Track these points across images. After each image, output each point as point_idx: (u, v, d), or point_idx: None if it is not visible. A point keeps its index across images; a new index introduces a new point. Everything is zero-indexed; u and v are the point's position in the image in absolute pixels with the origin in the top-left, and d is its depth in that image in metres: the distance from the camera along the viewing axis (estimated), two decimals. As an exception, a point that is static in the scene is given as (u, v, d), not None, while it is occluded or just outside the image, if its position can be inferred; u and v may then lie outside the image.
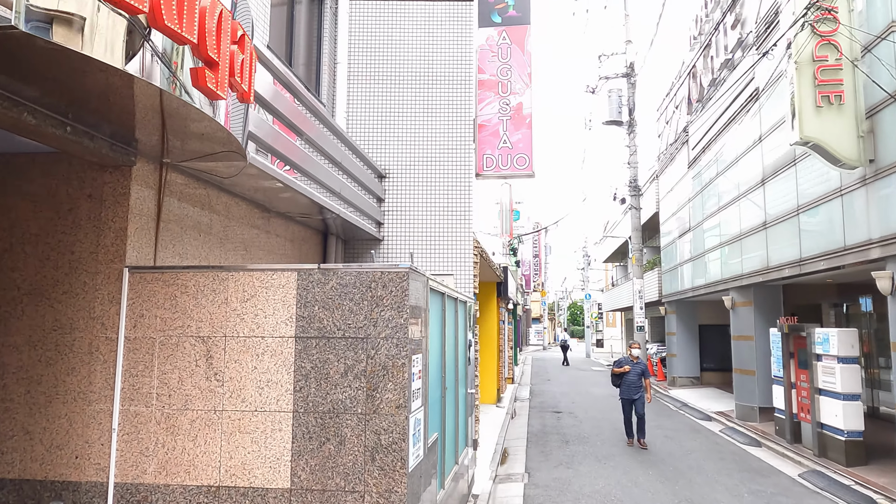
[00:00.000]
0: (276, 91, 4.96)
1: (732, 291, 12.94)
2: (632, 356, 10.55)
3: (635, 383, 10.24)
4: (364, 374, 3.66)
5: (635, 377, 10.26)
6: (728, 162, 13.03)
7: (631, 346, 10.93)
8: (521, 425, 12.31)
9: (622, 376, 10.37)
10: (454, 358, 5.98)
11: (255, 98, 4.42)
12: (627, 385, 10.28)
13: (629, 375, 10.28)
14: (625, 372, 10.29)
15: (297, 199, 5.72)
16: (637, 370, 10.30)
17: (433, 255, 8.10)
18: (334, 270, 3.78)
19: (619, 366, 10.47)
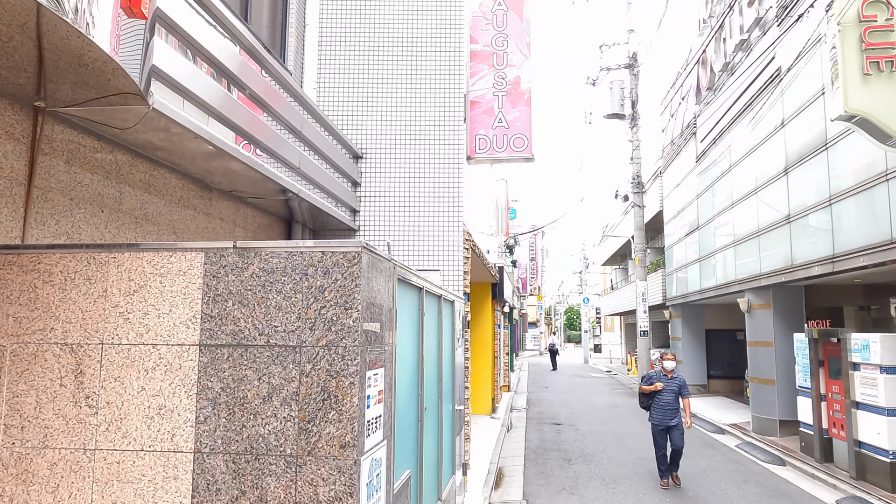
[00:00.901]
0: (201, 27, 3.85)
1: (748, 293, 11.87)
2: (665, 370, 8.01)
3: (671, 405, 7.85)
4: (296, 398, 2.56)
5: (671, 397, 7.86)
6: (743, 152, 11.99)
7: (663, 357, 8.18)
8: (518, 439, 11.20)
9: (652, 396, 8.01)
10: (436, 369, 4.88)
11: (166, 25, 3.32)
12: (660, 408, 7.88)
13: (662, 395, 7.87)
14: (656, 391, 7.91)
15: (242, 173, 4.62)
16: (672, 388, 7.87)
17: (417, 248, 7.01)
18: (257, 251, 2.67)
19: (649, 382, 8.04)
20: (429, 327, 4.47)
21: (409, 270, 3.70)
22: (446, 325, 5.43)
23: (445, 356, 5.33)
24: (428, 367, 4.40)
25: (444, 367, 5.24)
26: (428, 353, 4.40)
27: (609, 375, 26.83)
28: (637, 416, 14.24)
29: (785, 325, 11.06)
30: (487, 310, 14.11)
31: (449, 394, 5.57)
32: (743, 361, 18.76)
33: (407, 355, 3.68)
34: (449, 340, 5.61)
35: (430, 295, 4.59)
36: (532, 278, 47.01)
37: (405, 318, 3.64)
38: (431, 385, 4.58)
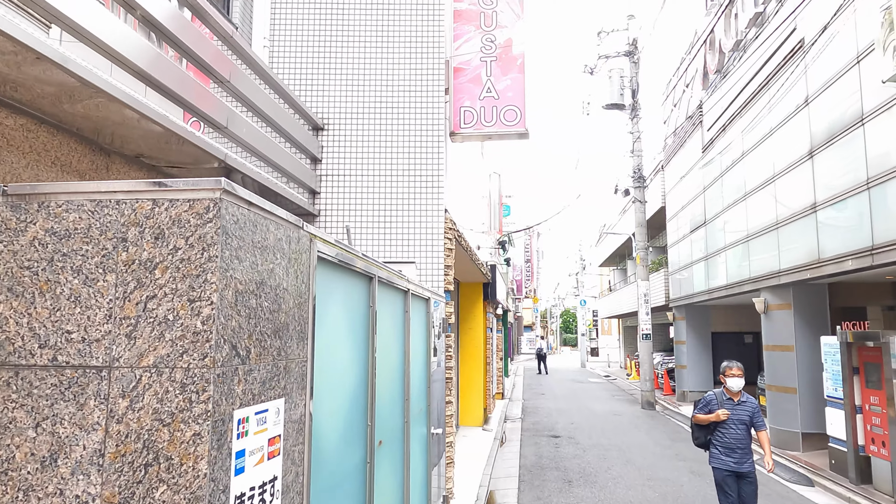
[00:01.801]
0: None
1: (765, 292, 10.78)
2: (729, 391, 5.24)
3: (741, 442, 5.15)
4: (99, 462, 1.42)
5: (740, 431, 5.16)
6: (758, 137, 10.91)
7: (726, 373, 5.24)
8: (512, 456, 10.06)
9: (712, 429, 5.32)
10: (401, 386, 3.74)
11: None
12: (726, 446, 5.18)
13: (728, 428, 5.16)
14: (718, 421, 5.19)
15: (143, 129, 3.48)
16: (742, 417, 5.17)
17: (389, 236, 5.88)
18: (43, 200, 1.54)
19: (706, 408, 5.36)
20: (387, 331, 3.34)
21: (349, 250, 2.57)
22: (417, 329, 4.29)
23: (416, 368, 4.19)
24: (385, 386, 3.27)
25: (414, 382, 4.11)
26: (385, 366, 3.27)
27: (608, 381, 25.74)
28: (641, 426, 13.13)
29: (807, 327, 9.97)
30: (479, 312, 12.99)
31: (421, 415, 4.44)
32: (752, 366, 17.71)
33: (345, 372, 2.55)
34: (421, 348, 4.47)
35: (391, 289, 3.45)
36: (527, 280, 45.92)
37: (342, 319, 2.51)
38: (392, 408, 3.45)
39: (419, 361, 4.35)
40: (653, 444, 11.14)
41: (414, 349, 4.10)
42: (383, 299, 3.25)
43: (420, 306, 4.45)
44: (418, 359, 4.31)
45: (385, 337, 3.28)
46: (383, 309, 3.24)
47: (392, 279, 3.38)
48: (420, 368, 4.39)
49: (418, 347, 4.32)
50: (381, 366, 3.16)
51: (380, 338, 3.13)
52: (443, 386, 5.62)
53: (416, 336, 4.25)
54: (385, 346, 3.28)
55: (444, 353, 6.23)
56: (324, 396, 2.24)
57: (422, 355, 4.49)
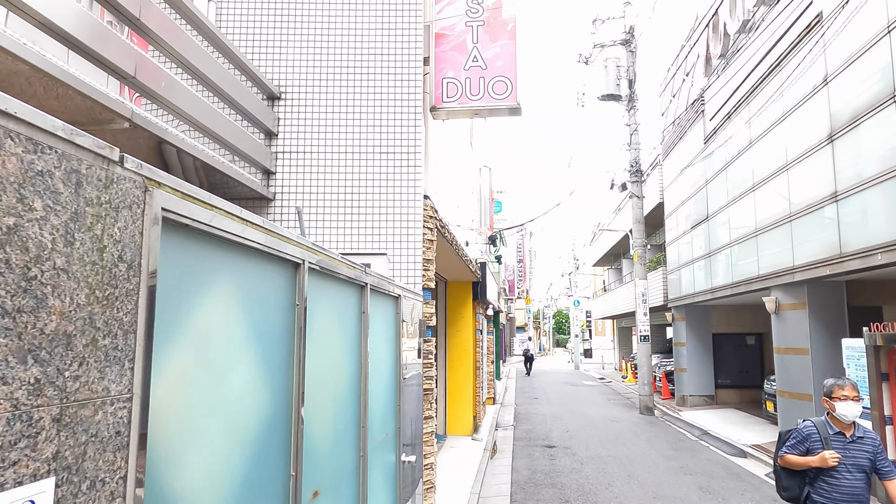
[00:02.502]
0: None
1: (776, 290, 9.98)
2: (837, 422, 3.63)
3: (859, 496, 3.54)
4: None
5: (857, 480, 3.54)
6: (768, 123, 10.11)
7: (835, 394, 3.61)
8: (504, 470, 9.19)
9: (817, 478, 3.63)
10: (354, 412, 2.87)
11: None
12: (835, 501, 3.54)
13: (842, 476, 3.53)
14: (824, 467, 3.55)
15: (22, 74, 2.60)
16: (860, 461, 3.55)
17: (356, 225, 5.01)
18: None
19: (804, 446, 3.68)
20: (329, 339, 2.47)
21: (244, 218, 1.69)
22: (381, 335, 3.42)
23: (378, 385, 3.32)
24: (325, 415, 2.40)
25: (376, 402, 3.24)
26: (326, 386, 2.40)
27: (603, 383, 24.93)
28: (641, 434, 12.31)
29: (823, 328, 9.17)
30: (468, 313, 12.12)
31: (388, 442, 3.56)
32: (755, 370, 16.96)
33: (245, 405, 1.68)
34: (388, 359, 3.60)
35: (336, 282, 2.58)
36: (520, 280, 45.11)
37: (237, 323, 1.64)
38: (337, 443, 2.57)
39: (384, 376, 3.48)
40: (655, 454, 10.31)
41: (375, 361, 3.22)
42: (321, 295, 2.37)
43: (386, 306, 3.58)
44: (383, 373, 3.44)
45: (325, 347, 2.40)
46: (321, 308, 2.37)
47: (336, 269, 2.50)
48: (386, 385, 3.52)
49: (383, 358, 3.45)
50: (318, 387, 2.29)
51: (315, 349, 2.26)
52: (419, 401, 4.74)
53: (380, 344, 3.37)
54: (326, 359, 2.41)
55: (424, 361, 5.37)
56: (193, 455, 1.37)
57: (389, 368, 3.62)
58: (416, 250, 4.99)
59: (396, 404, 3.80)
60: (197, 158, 4.40)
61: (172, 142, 4.10)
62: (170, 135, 4.11)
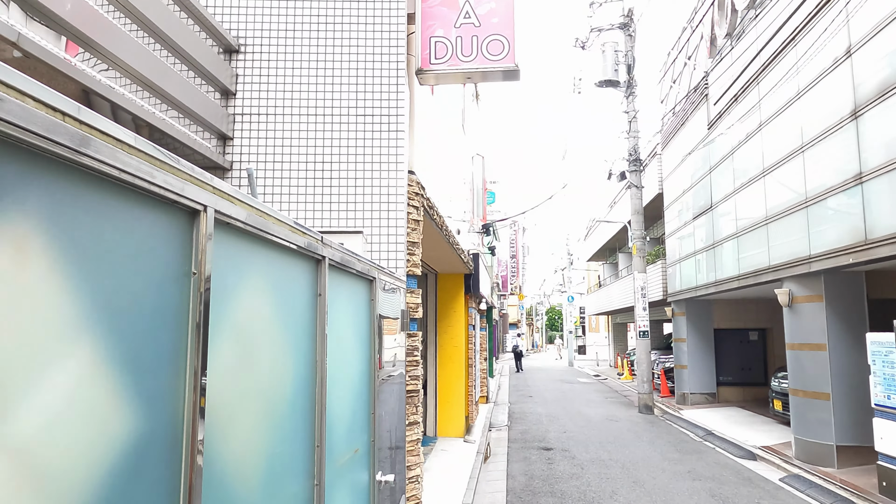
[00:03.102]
0: None
1: (789, 282, 9.32)
2: None
3: None
4: None
5: None
6: (782, 103, 9.44)
7: None
8: (498, 476, 8.50)
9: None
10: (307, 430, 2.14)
11: None
12: None
13: None
14: None
15: None
16: None
17: (327, 199, 4.29)
18: None
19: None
20: (255, 331, 1.75)
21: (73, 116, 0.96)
22: (349, 326, 2.71)
23: (344, 390, 2.60)
24: (259, 439, 1.68)
25: (340, 412, 2.52)
26: (252, 397, 1.68)
27: (598, 381, 24.31)
28: (642, 435, 11.66)
29: (842, 322, 8.53)
30: (460, 307, 11.42)
31: (359, 460, 2.85)
32: (758, 366, 16.34)
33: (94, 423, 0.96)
34: (360, 356, 2.89)
35: (267, 246, 1.86)
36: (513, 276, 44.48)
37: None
38: (287, 467, 1.85)
39: (353, 379, 2.76)
40: (659, 457, 9.66)
41: (338, 361, 2.51)
42: (245, 266, 1.65)
43: (355, 290, 2.86)
44: (351, 375, 2.72)
45: (250, 342, 1.68)
46: (244, 286, 1.65)
47: (271, 230, 1.78)
48: (355, 389, 2.80)
49: (350, 357, 2.73)
50: (233, 397, 1.57)
51: (230, 345, 1.54)
52: (401, 405, 4.03)
53: (346, 339, 2.66)
54: (251, 359, 1.69)
55: (408, 359, 4.65)
56: None
57: (360, 369, 2.91)
58: (398, 229, 4.27)
59: (371, 412, 3.08)
60: (138, 118, 3.67)
61: (105, 94, 3.37)
62: (101, 86, 3.38)
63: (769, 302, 15.77)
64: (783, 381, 11.63)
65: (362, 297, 3.01)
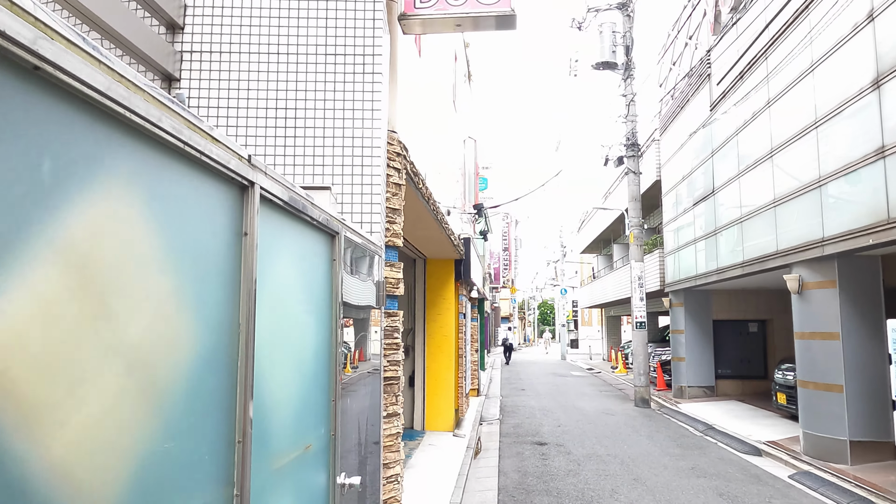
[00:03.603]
0: None
1: (799, 267, 8.79)
2: None
3: None
4: None
5: None
6: (793, 77, 8.87)
7: None
8: (489, 473, 7.93)
9: None
10: (225, 416, 1.52)
11: None
12: None
13: None
14: None
15: None
16: None
17: (290, 151, 3.67)
18: None
19: None
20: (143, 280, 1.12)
21: None
22: (299, 289, 2.10)
23: (293, 369, 1.99)
24: (122, 439, 1.06)
25: (284, 396, 1.91)
26: (119, 373, 1.06)
27: (592, 374, 23.82)
28: (640, 429, 11.13)
29: (856, 309, 8.00)
30: (450, 294, 10.82)
31: (314, 459, 2.24)
32: (758, 358, 15.85)
33: None
34: (316, 329, 2.28)
35: (174, 157, 1.24)
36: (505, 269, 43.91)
37: None
38: (186, 474, 1.24)
39: (303, 356, 2.16)
40: (660, 452, 9.12)
41: (280, 330, 1.90)
42: (113, 168, 1.04)
43: (310, 243, 2.25)
44: (299, 351, 2.11)
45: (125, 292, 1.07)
46: (113, 198, 1.03)
47: (162, 124, 1.17)
48: (307, 370, 2.20)
49: (303, 328, 2.13)
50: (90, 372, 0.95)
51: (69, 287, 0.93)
52: (377, 395, 3.43)
53: (292, 304, 2.05)
54: (113, 318, 1.07)
55: (387, 341, 4.05)
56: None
57: (316, 344, 2.30)
58: (373, 187, 3.66)
59: (331, 399, 2.48)
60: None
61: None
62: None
63: (770, 292, 15.29)
64: (787, 373, 11.13)
65: (320, 256, 2.39)
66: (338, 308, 2.52)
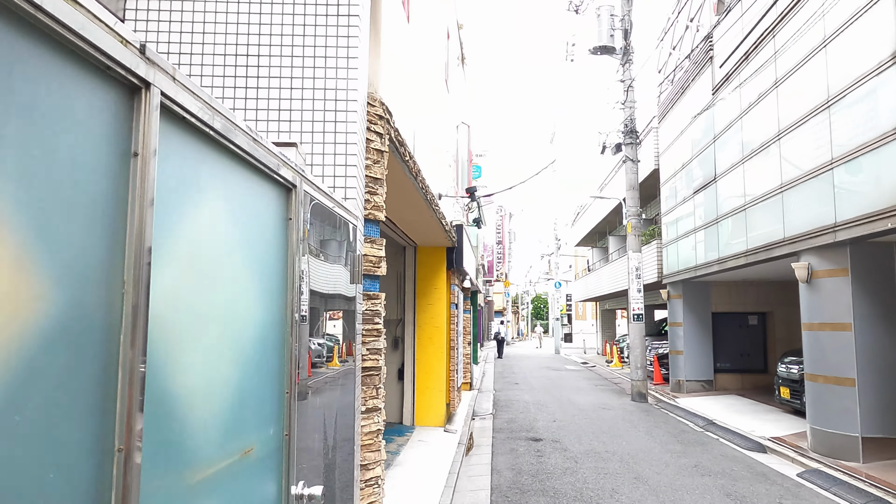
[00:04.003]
0: None
1: (808, 255, 8.36)
2: None
3: None
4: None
5: None
6: (803, 55, 8.42)
7: None
8: (482, 471, 7.48)
9: None
10: (103, 414, 1.01)
11: None
12: None
13: None
14: None
15: None
16: None
17: (252, 105, 3.18)
18: None
19: None
20: None
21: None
22: (240, 247, 1.60)
23: (232, 350, 1.50)
24: None
25: (221, 383, 1.42)
26: None
27: (586, 368, 23.43)
28: (638, 424, 10.71)
29: (870, 298, 7.58)
30: (441, 283, 10.35)
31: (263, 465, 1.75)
32: (758, 352, 15.47)
33: None
34: (267, 300, 1.79)
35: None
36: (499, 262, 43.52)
37: None
38: None
39: (241, 333, 1.67)
40: (660, 449, 8.70)
41: (201, 294, 1.41)
42: None
43: (253, 193, 1.76)
44: (236, 326, 1.62)
45: None
46: None
47: None
48: (248, 351, 1.71)
49: (243, 297, 1.64)
50: None
51: None
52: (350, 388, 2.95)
53: (225, 266, 1.56)
54: None
55: (365, 327, 3.57)
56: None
57: (263, 320, 1.81)
58: (349, 148, 3.17)
59: (284, 391, 1.99)
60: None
61: None
62: None
63: (771, 284, 14.90)
64: (791, 366, 10.73)
65: (269, 211, 1.91)
66: (294, 280, 2.03)
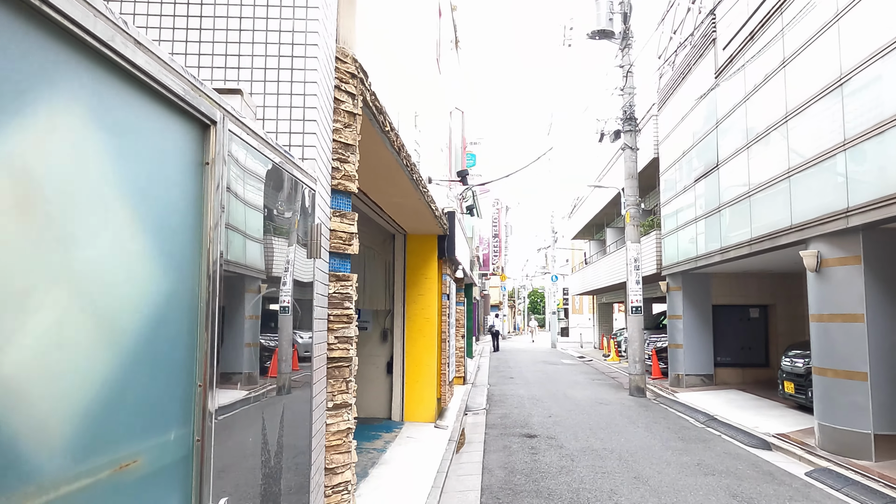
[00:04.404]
0: None
1: (817, 242, 7.94)
2: None
3: None
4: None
5: None
6: (814, 31, 7.97)
7: None
8: (472, 470, 7.05)
9: None
10: None
11: None
12: None
13: None
14: None
15: None
16: None
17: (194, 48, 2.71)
18: None
19: None
20: None
21: None
22: (131, 201, 1.15)
23: (99, 326, 1.05)
24: None
25: (73, 371, 0.97)
26: None
27: (583, 362, 23.05)
28: (637, 420, 10.30)
29: (884, 288, 7.17)
30: (432, 273, 9.91)
31: (156, 481, 1.30)
32: (759, 345, 15.09)
33: None
34: (166, 263, 1.33)
35: None
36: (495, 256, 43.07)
37: None
38: None
39: (122, 319, 1.21)
40: (660, 446, 8.29)
41: (42, 272, 0.95)
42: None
43: (142, 126, 1.30)
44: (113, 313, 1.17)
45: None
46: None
47: None
48: (138, 342, 1.26)
49: (121, 272, 1.18)
50: None
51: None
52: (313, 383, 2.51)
53: (85, 227, 1.10)
54: None
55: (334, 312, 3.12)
56: None
57: (164, 302, 1.36)
58: (307, 100, 2.71)
59: (197, 385, 1.54)
60: None
61: None
62: None
63: (773, 276, 14.51)
64: (796, 360, 10.33)
65: (176, 151, 1.45)
66: (213, 242, 1.58)
